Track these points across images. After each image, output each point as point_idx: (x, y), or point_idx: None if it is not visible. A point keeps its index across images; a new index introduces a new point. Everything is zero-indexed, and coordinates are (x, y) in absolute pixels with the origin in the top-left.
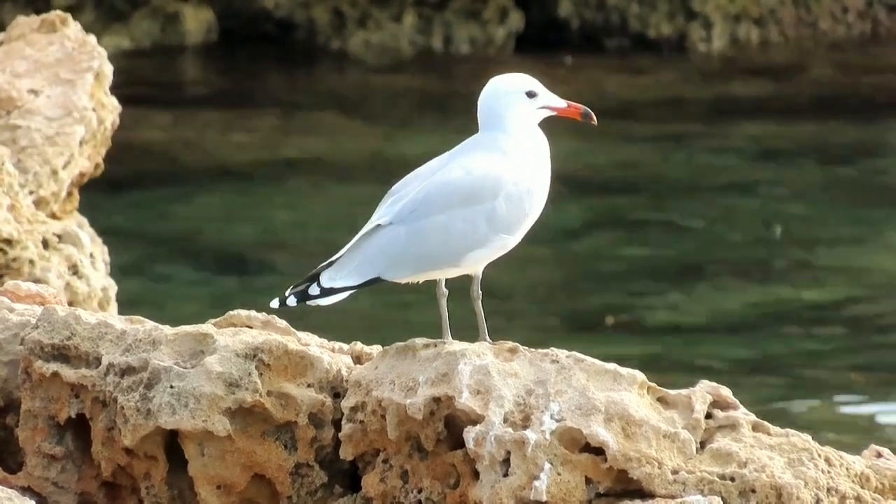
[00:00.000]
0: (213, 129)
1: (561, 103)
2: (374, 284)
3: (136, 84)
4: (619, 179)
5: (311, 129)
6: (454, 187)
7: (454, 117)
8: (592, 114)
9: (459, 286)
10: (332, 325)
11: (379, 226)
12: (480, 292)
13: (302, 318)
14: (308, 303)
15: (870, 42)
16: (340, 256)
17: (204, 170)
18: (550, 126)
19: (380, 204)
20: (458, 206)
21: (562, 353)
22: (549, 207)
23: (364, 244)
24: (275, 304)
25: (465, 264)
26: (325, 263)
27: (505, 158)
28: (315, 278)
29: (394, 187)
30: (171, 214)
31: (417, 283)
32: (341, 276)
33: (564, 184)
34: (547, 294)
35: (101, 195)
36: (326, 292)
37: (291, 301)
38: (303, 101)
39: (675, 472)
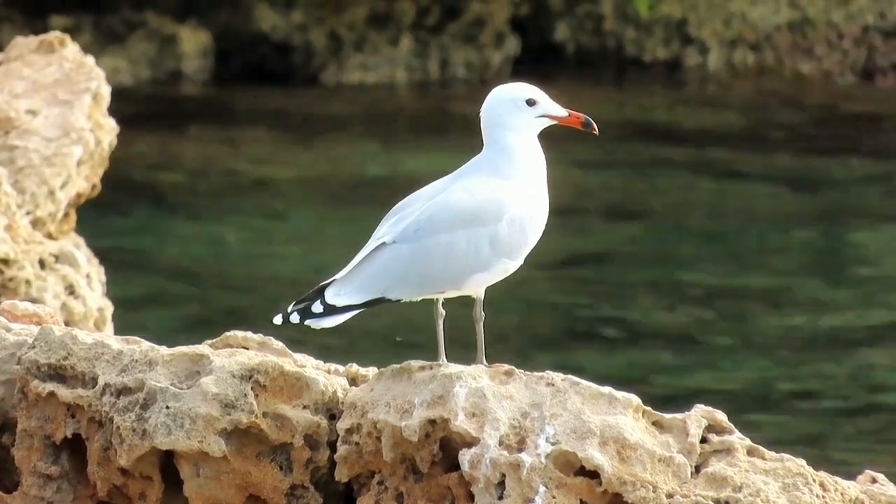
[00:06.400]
0: (207, 152)
1: (561, 112)
2: (378, 304)
3: (132, 105)
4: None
5: (308, 151)
6: (458, 209)
7: (451, 140)
8: (593, 123)
9: (462, 302)
10: (332, 341)
11: (383, 244)
12: (483, 313)
13: (302, 341)
14: (310, 324)
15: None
16: (344, 273)
17: (199, 192)
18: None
19: (381, 221)
20: (461, 227)
21: (557, 377)
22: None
23: (368, 262)
24: (277, 320)
25: (468, 286)
26: (328, 280)
27: (507, 183)
28: (319, 294)
29: (396, 206)
30: (161, 237)
31: (416, 301)
32: (345, 292)
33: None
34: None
35: (96, 215)
36: (330, 309)
37: (294, 318)
38: (300, 123)
39: (669, 495)
